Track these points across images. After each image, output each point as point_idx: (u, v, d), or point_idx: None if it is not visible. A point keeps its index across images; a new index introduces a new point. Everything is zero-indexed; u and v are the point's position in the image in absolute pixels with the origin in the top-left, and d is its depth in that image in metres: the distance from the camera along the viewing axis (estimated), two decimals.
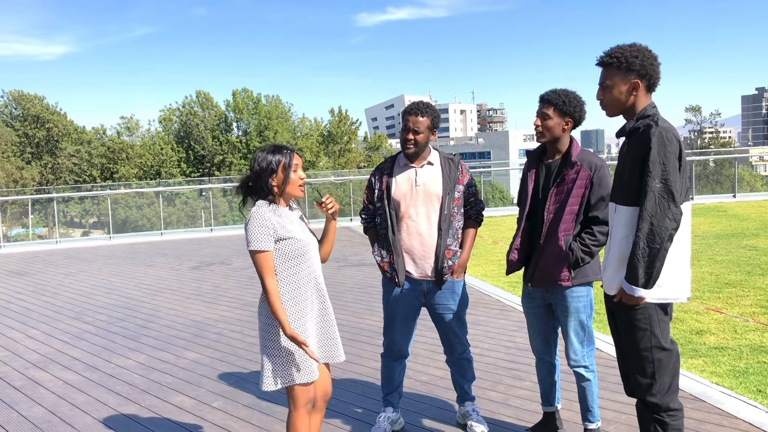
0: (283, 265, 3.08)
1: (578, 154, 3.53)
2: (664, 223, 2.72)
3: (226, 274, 10.33)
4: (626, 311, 2.91)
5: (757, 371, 4.86)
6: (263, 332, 3.12)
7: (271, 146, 3.18)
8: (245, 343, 6.27)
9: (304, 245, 3.12)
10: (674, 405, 2.92)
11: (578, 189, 3.47)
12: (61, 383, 5.37)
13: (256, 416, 4.47)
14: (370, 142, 60.02)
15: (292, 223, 3.14)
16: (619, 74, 2.90)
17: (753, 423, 3.96)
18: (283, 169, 3.11)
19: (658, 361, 2.89)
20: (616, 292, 2.93)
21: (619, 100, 2.93)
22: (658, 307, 2.88)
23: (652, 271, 2.76)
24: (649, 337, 2.88)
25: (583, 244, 3.46)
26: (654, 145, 2.74)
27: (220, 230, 17.52)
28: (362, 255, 11.30)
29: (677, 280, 2.87)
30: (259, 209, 3.07)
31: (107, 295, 8.94)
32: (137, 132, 55.55)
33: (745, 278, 8.00)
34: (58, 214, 19.03)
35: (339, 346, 3.31)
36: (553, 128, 3.51)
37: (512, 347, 5.75)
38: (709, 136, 75.92)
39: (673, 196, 2.73)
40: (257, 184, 3.12)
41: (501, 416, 4.27)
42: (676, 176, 2.74)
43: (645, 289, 2.80)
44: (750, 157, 39.90)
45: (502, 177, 40.18)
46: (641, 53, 2.87)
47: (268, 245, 3.02)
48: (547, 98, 3.53)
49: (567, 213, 3.49)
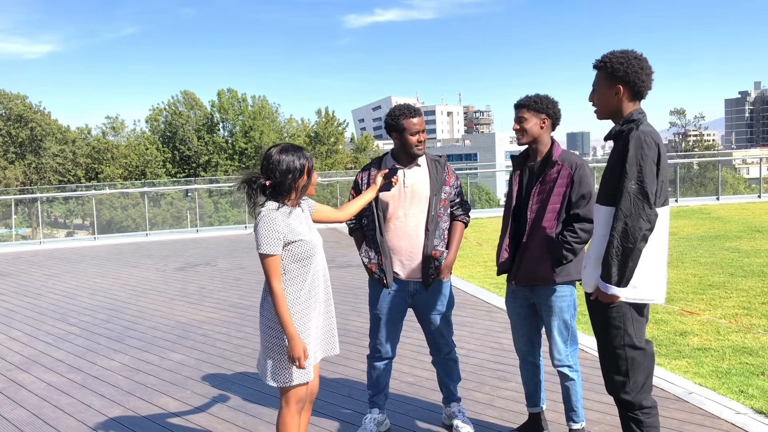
0: (291, 266, 3.11)
1: (560, 154, 3.62)
2: (638, 224, 2.78)
3: (212, 275, 10.29)
4: (601, 309, 2.97)
5: (739, 372, 4.92)
6: (266, 330, 3.14)
7: (290, 147, 3.16)
8: (231, 345, 6.25)
9: (313, 246, 3.16)
10: (647, 403, 2.98)
11: (559, 188, 3.55)
12: (45, 385, 5.32)
13: (241, 418, 4.46)
14: (357, 143, 59.98)
15: (301, 224, 3.16)
16: (605, 78, 2.98)
17: (735, 423, 4.01)
18: (307, 172, 3.15)
19: (631, 360, 2.94)
20: (593, 290, 2.99)
21: (604, 103, 3.01)
22: (632, 307, 2.93)
23: (625, 270, 2.82)
24: (622, 335, 2.94)
25: (565, 242, 3.51)
26: (631, 147, 2.81)
27: (205, 231, 17.44)
28: (349, 256, 11.29)
29: (653, 281, 2.93)
30: (269, 212, 3.07)
31: (92, 297, 8.87)
32: (123, 132, 55.16)
33: (728, 280, 8.09)
34: (42, 214, 18.85)
35: (336, 338, 3.38)
36: (530, 128, 3.61)
37: (498, 348, 5.78)
38: (694, 138, 76.70)
39: (647, 198, 2.79)
40: (281, 186, 3.10)
41: (487, 417, 4.29)
42: (653, 179, 2.80)
43: (618, 288, 2.86)
44: (733, 160, 40.32)
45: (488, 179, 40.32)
46: (628, 61, 2.92)
47: (276, 249, 3.04)
48: (519, 103, 3.68)
49: (549, 211, 3.56)
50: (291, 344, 3.02)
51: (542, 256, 3.57)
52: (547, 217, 3.57)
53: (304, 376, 3.14)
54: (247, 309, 7.70)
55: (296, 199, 3.19)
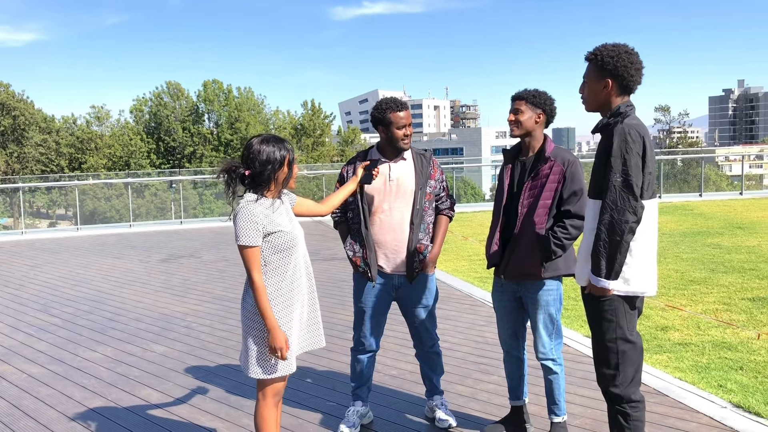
0: (272, 257, 3.10)
1: (552, 150, 3.63)
2: (624, 216, 2.80)
3: (196, 267, 10.24)
4: (595, 303, 2.99)
5: (719, 367, 4.98)
6: (247, 322, 3.13)
7: (271, 138, 3.14)
8: (214, 337, 6.23)
9: (293, 238, 3.14)
10: (636, 396, 3.00)
11: (551, 183, 3.56)
12: (25, 376, 5.28)
13: (224, 410, 4.45)
14: (343, 136, 59.89)
15: (281, 215, 3.14)
16: (595, 71, 2.99)
17: (714, 417, 4.06)
18: (288, 163, 3.12)
19: (622, 353, 2.96)
20: (586, 283, 3.01)
21: (593, 95, 3.02)
22: (625, 300, 2.95)
23: (614, 263, 2.84)
24: (614, 328, 2.96)
25: (555, 237, 3.53)
26: (616, 140, 2.83)
27: (190, 223, 17.34)
28: (334, 249, 11.28)
29: (644, 274, 2.95)
30: (248, 204, 3.06)
31: (74, 288, 8.80)
32: (107, 122, 54.69)
33: (709, 276, 8.17)
34: (24, 204, 18.66)
35: (321, 331, 3.37)
36: (525, 122, 3.62)
37: (481, 342, 5.80)
38: (678, 135, 77.21)
39: (632, 191, 2.80)
40: (260, 176, 3.09)
41: (469, 410, 4.31)
42: (638, 172, 2.81)
43: (609, 281, 2.87)
44: (716, 157, 40.78)
45: (474, 173, 40.36)
46: (618, 55, 2.93)
47: (255, 240, 3.03)
48: (518, 95, 3.69)
49: (540, 207, 3.57)
50: (271, 335, 3.02)
51: (532, 252, 3.58)
52: (539, 213, 3.58)
53: (286, 368, 3.14)
54: (231, 301, 7.67)
55: (276, 190, 3.17)
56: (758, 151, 51.80)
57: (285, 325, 3.11)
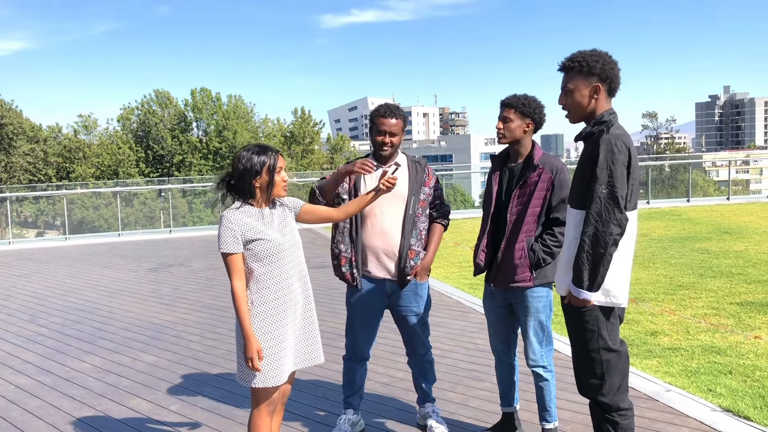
0: (254, 266, 3.09)
1: (540, 157, 3.62)
2: (608, 228, 2.77)
3: (186, 276, 10.19)
4: (575, 313, 2.97)
5: (708, 371, 5.00)
6: (237, 330, 3.12)
7: (255, 146, 3.15)
8: (204, 346, 6.20)
9: (276, 245, 3.11)
10: (624, 404, 2.99)
11: (540, 191, 3.56)
12: (13, 387, 5.23)
13: (214, 419, 4.43)
14: (333, 143, 59.86)
15: (266, 224, 3.12)
16: (580, 78, 2.94)
17: (703, 421, 4.08)
18: (267, 171, 3.09)
19: (606, 362, 2.94)
20: (566, 293, 2.99)
21: (580, 104, 2.97)
22: (605, 310, 2.94)
23: (597, 275, 2.82)
24: (596, 338, 2.93)
25: (544, 245, 3.54)
26: (602, 151, 2.80)
27: (179, 231, 17.26)
28: (325, 257, 11.26)
29: (623, 284, 2.93)
30: (228, 212, 3.08)
31: (62, 297, 8.73)
32: (95, 131, 54.37)
33: (697, 281, 8.22)
34: (12, 213, 18.51)
35: (319, 347, 3.34)
36: (514, 130, 3.61)
37: (472, 348, 5.81)
38: (665, 141, 77.79)
39: (617, 203, 2.78)
40: (240, 184, 3.10)
41: (460, 417, 4.31)
42: (623, 184, 2.79)
43: (590, 292, 2.85)
44: (703, 162, 41.02)
45: (463, 180, 40.41)
46: (602, 58, 2.93)
47: (234, 247, 3.04)
48: (507, 102, 3.65)
49: (529, 215, 3.57)
50: (245, 343, 3.02)
51: (521, 259, 3.59)
52: (527, 221, 3.58)
53: (273, 379, 3.10)
54: (221, 310, 7.64)
55: (263, 199, 3.15)
56: (744, 157, 52.29)
57: (278, 338, 3.09)
